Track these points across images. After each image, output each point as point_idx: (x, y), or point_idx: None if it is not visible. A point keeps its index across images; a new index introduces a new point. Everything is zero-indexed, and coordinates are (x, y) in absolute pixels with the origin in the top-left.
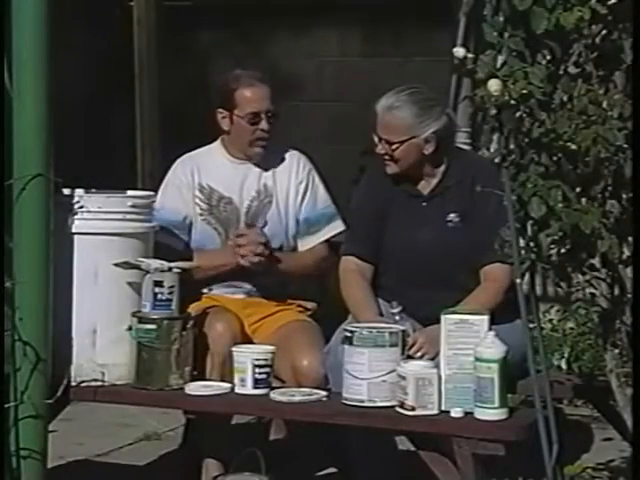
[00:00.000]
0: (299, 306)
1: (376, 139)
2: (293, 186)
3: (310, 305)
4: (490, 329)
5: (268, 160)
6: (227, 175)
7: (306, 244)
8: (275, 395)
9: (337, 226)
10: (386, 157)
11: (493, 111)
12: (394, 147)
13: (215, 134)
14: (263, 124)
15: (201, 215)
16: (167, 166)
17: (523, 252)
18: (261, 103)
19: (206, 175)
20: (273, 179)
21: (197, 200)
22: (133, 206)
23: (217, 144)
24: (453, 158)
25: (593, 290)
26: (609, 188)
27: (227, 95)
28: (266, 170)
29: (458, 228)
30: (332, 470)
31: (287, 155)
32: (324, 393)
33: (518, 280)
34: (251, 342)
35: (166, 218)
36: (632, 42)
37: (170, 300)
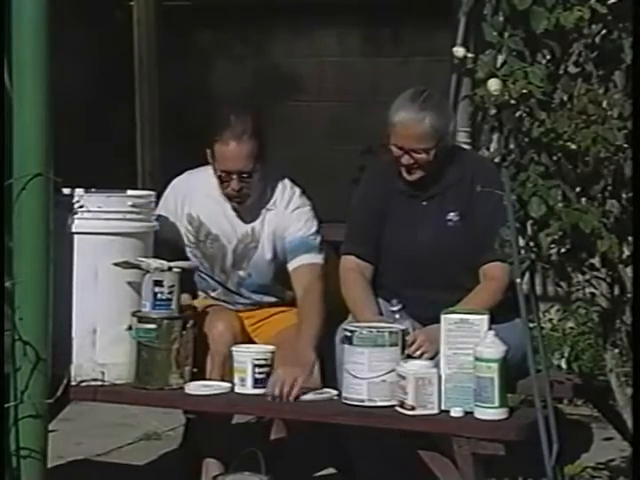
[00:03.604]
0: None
1: (397, 151)
2: (282, 221)
3: None
4: (490, 328)
5: (258, 202)
6: (216, 211)
7: (295, 263)
8: None
9: (314, 256)
10: (415, 165)
11: (493, 111)
12: (432, 153)
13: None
14: (234, 184)
15: (188, 247)
16: (167, 166)
17: (523, 252)
18: (234, 163)
19: (197, 205)
20: (262, 222)
21: (185, 231)
22: (133, 206)
23: (212, 172)
24: (453, 158)
25: (593, 290)
26: (609, 188)
27: (211, 140)
28: (256, 213)
29: (458, 227)
30: (332, 470)
31: (277, 191)
32: (334, 392)
33: (518, 280)
34: (251, 341)
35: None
36: (632, 41)
37: (170, 300)
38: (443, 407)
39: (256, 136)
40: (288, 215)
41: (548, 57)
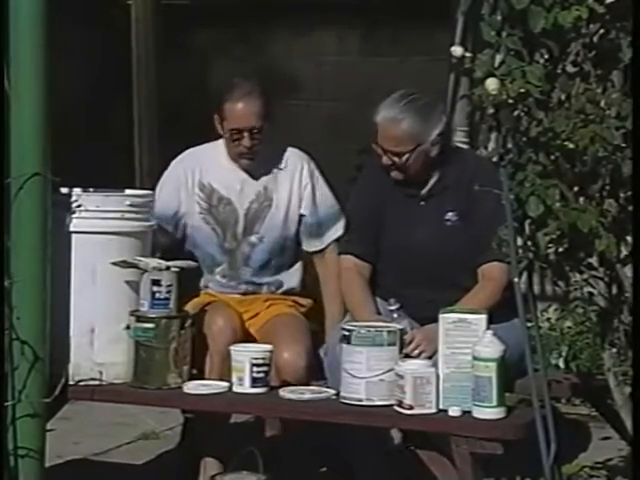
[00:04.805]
0: (293, 301)
1: (379, 150)
2: (296, 189)
3: (305, 302)
4: (488, 328)
5: (269, 162)
6: (228, 176)
7: (319, 245)
8: (284, 393)
9: (342, 226)
10: (393, 167)
11: (491, 110)
12: (405, 158)
13: (214, 133)
14: (245, 141)
15: (200, 214)
16: (165, 165)
17: (521, 251)
18: (245, 120)
19: (208, 173)
20: (274, 182)
21: (197, 198)
22: (131, 205)
23: (221, 142)
24: (451, 157)
25: (591, 289)
26: (607, 187)
27: (219, 104)
28: (267, 172)
29: (456, 227)
30: (327, 469)
31: (290, 156)
32: (332, 391)
33: (516, 279)
34: (249, 339)
35: (158, 213)
36: (631, 40)
37: (168, 299)
38: (441, 406)
39: (263, 95)
40: (306, 190)
41: (546, 56)
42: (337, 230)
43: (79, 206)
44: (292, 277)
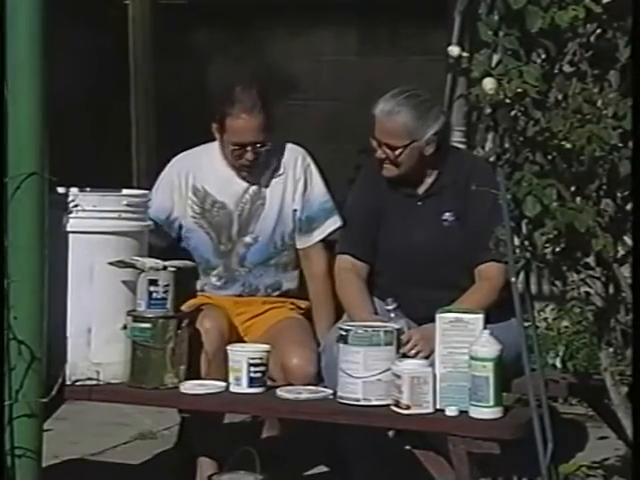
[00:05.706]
0: (292, 304)
1: (375, 143)
2: (290, 184)
3: (304, 304)
4: (485, 328)
5: (264, 162)
6: (221, 179)
7: (306, 242)
8: (282, 393)
9: (335, 221)
10: (386, 161)
11: (488, 110)
12: (397, 152)
13: (211, 134)
14: (248, 155)
15: (194, 218)
16: (162, 165)
17: (518, 251)
18: (248, 136)
19: (201, 177)
20: (268, 180)
21: (190, 202)
22: (128, 205)
23: (215, 145)
24: (448, 157)
25: (588, 289)
26: (604, 187)
27: (220, 116)
28: (262, 172)
29: (453, 227)
30: (327, 469)
31: (284, 153)
32: (330, 391)
33: (513, 279)
34: (242, 340)
35: (153, 215)
36: (628, 40)
37: (165, 299)
38: (438, 406)
39: (265, 108)
40: (299, 185)
41: (543, 56)
42: (326, 228)
43: (76, 206)
44: (293, 279)
